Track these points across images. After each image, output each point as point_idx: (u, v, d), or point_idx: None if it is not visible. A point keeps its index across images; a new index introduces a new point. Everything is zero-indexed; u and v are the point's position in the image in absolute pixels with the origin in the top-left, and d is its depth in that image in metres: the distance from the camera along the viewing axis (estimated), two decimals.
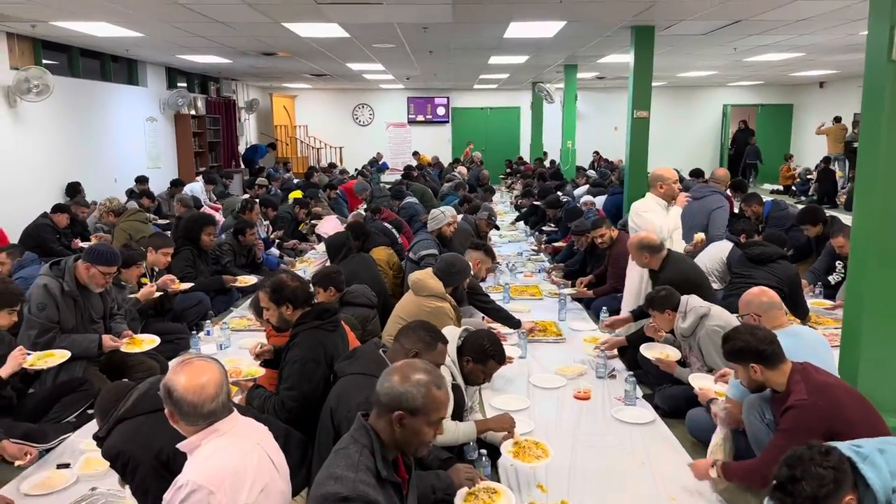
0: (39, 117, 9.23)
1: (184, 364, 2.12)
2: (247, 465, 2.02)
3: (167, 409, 2.08)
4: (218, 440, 2.04)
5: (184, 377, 2.06)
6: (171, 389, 2.05)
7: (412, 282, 4.27)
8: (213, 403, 2.04)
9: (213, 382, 2.08)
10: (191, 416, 2.04)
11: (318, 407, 3.11)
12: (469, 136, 20.24)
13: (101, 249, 4.15)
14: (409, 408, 1.93)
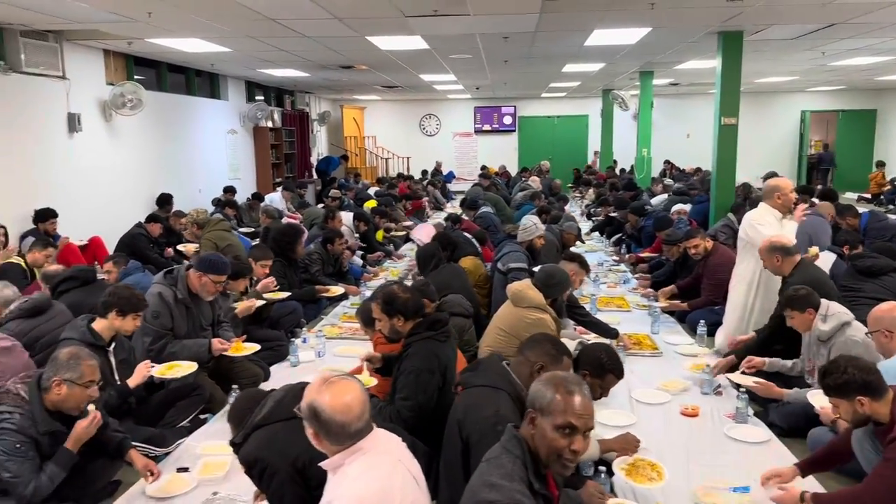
0: (132, 130, 9.63)
1: (326, 384, 2.06)
2: (392, 484, 2.00)
3: (311, 429, 2.03)
4: (363, 459, 2.01)
5: (328, 396, 2.01)
6: (318, 410, 2.00)
7: (512, 293, 4.24)
8: (359, 422, 2.02)
9: (357, 401, 2.05)
10: (339, 437, 2.00)
11: (433, 417, 3.14)
12: (536, 145, 20.16)
13: (213, 259, 4.27)
14: (539, 406, 1.95)
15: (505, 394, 2.49)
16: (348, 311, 6.42)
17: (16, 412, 2.78)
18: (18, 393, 2.85)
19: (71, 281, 4.61)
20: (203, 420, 4.02)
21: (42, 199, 7.63)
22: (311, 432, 2.03)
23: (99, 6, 6.13)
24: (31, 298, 4.20)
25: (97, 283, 4.77)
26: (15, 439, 2.74)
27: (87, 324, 3.61)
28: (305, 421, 2.05)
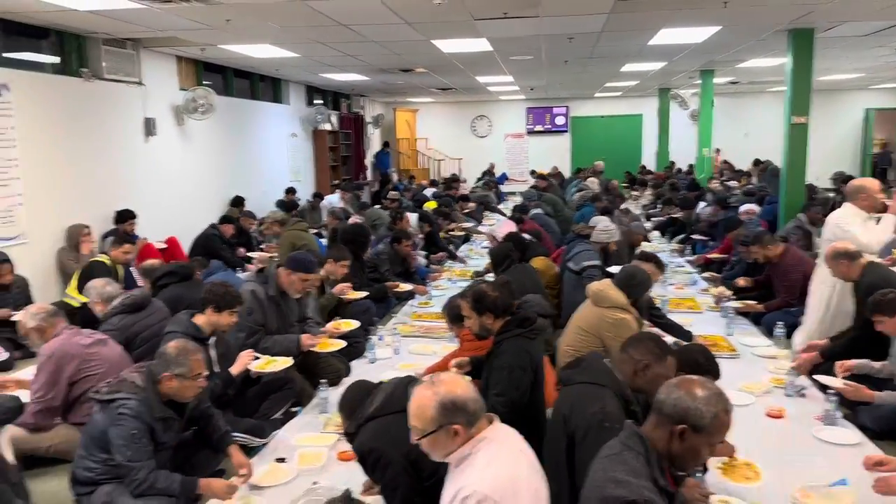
0: (202, 134, 9.95)
1: (441, 381, 2.12)
2: (519, 472, 2.07)
3: (455, 426, 2.05)
4: (489, 448, 2.07)
5: (455, 387, 2.09)
6: (457, 400, 2.06)
7: (592, 292, 4.27)
8: (482, 404, 2.11)
9: (471, 388, 2.15)
10: (475, 419, 2.07)
11: (525, 413, 3.19)
12: (588, 145, 20.03)
13: (302, 258, 4.42)
14: (695, 424, 1.93)
15: (609, 391, 2.53)
16: (417, 311, 6.52)
17: (132, 398, 2.94)
18: (134, 381, 3.01)
19: (171, 276, 4.83)
20: (294, 412, 4.16)
21: (121, 200, 7.96)
22: (455, 429, 2.06)
23: (182, 14, 6.38)
24: (131, 295, 4.41)
25: (195, 280, 4.97)
26: (132, 425, 2.89)
27: (189, 318, 3.79)
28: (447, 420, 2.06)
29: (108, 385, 3.02)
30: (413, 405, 2.12)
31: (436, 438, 2.08)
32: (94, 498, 2.96)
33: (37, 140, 6.80)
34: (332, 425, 3.93)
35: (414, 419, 2.12)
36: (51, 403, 3.45)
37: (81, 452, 3.04)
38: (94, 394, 3.02)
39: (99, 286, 4.44)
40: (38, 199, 6.80)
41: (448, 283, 7.66)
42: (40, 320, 3.56)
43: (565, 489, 2.52)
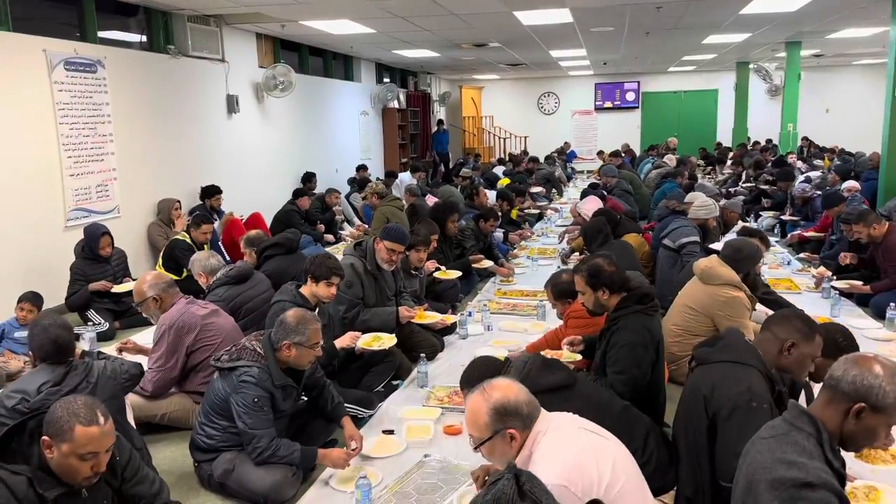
0: (280, 112, 10.06)
1: (491, 387, 2.10)
2: (583, 448, 2.00)
3: (511, 431, 2.02)
4: (545, 439, 2.02)
5: (505, 390, 2.07)
6: (508, 404, 2.03)
7: (700, 270, 4.10)
8: (536, 410, 2.08)
9: (524, 391, 2.12)
10: (531, 419, 2.05)
11: (646, 391, 3.09)
12: (660, 122, 19.48)
13: (395, 229, 4.40)
14: (876, 403, 1.80)
15: (755, 370, 2.41)
16: (501, 287, 6.46)
17: (254, 366, 2.96)
18: (255, 349, 3.03)
19: (276, 248, 4.88)
20: (395, 386, 4.16)
21: (205, 176, 8.12)
22: (511, 433, 2.02)
23: None
24: (235, 266, 4.47)
25: (298, 253, 5.02)
26: (254, 393, 2.91)
27: (296, 289, 3.81)
28: (501, 425, 2.02)
29: (228, 353, 3.05)
30: (467, 413, 2.10)
31: (493, 445, 2.05)
32: (216, 465, 3.00)
33: (129, 116, 6.96)
34: (434, 399, 3.92)
35: (470, 427, 2.09)
36: (169, 373, 3.52)
37: (201, 420, 3.09)
38: (214, 361, 3.06)
39: (203, 258, 4.51)
40: (131, 174, 6.98)
41: (527, 260, 7.57)
42: (159, 290, 3.63)
43: (706, 469, 2.42)
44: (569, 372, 2.67)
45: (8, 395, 2.66)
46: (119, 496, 2.25)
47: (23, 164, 5.72)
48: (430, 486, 3.06)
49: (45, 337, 2.76)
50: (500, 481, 1.52)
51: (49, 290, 5.27)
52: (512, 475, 1.51)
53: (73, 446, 1.98)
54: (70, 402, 2.05)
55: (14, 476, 1.97)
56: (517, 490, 1.49)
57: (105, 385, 2.80)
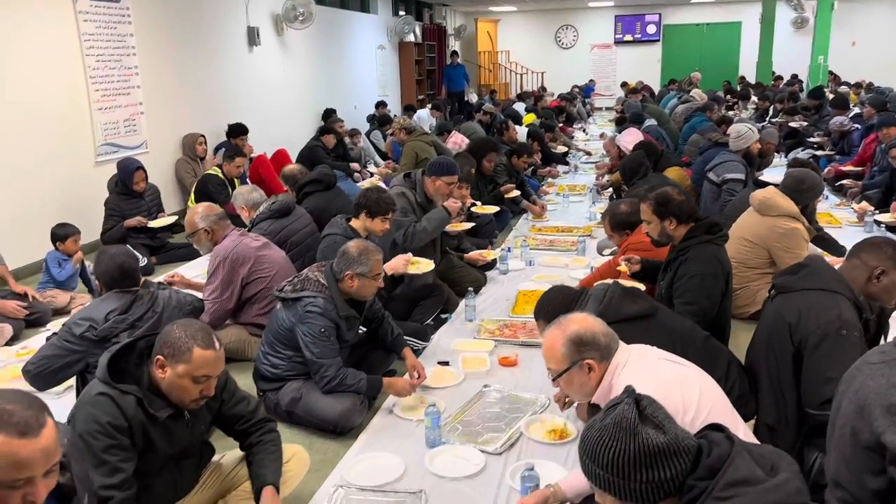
0: (299, 45, 9.81)
1: (568, 319, 2.07)
2: (667, 378, 1.96)
3: (588, 361, 2.00)
4: (625, 371, 1.99)
5: (583, 321, 2.05)
6: (584, 335, 2.00)
7: (759, 201, 4.00)
8: (615, 342, 2.05)
9: (602, 323, 2.08)
10: (609, 350, 2.02)
11: (714, 322, 3.05)
12: (681, 56, 18.99)
13: (444, 162, 4.31)
14: None
15: (843, 297, 2.35)
16: (536, 224, 6.39)
17: (319, 296, 2.93)
18: (318, 280, 3.00)
19: (315, 184, 4.81)
20: (444, 319, 4.14)
21: (229, 111, 7.97)
22: (589, 363, 2.00)
23: None
24: (278, 200, 4.41)
25: (337, 188, 4.94)
26: (320, 323, 2.89)
27: (346, 221, 3.75)
28: (579, 356, 2.00)
29: (291, 284, 3.02)
30: (544, 347, 2.09)
31: (571, 377, 2.03)
32: (282, 393, 3.01)
33: (153, 48, 6.79)
34: (485, 332, 3.91)
35: (548, 361, 2.08)
36: (225, 305, 3.51)
37: (265, 349, 3.08)
38: (277, 292, 3.03)
39: (245, 192, 4.46)
40: (157, 109, 6.85)
41: (557, 197, 7.48)
42: (211, 222, 3.58)
43: (789, 397, 2.39)
44: (650, 301, 2.62)
45: (76, 323, 2.65)
46: (218, 417, 2.25)
47: (52, 98, 5.60)
48: (494, 414, 3.06)
49: (112, 263, 2.74)
50: (619, 406, 1.47)
51: (83, 225, 5.21)
52: (632, 399, 1.47)
53: (189, 368, 1.96)
54: (188, 325, 2.03)
55: (123, 395, 1.96)
56: (638, 414, 1.45)
57: (171, 315, 2.78)
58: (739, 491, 1.37)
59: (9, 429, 1.31)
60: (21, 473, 1.32)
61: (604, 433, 1.44)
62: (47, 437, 1.35)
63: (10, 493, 1.33)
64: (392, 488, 2.54)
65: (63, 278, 4.65)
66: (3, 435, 1.30)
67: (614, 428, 1.43)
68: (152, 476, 2.11)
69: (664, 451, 1.40)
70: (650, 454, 1.39)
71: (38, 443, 1.33)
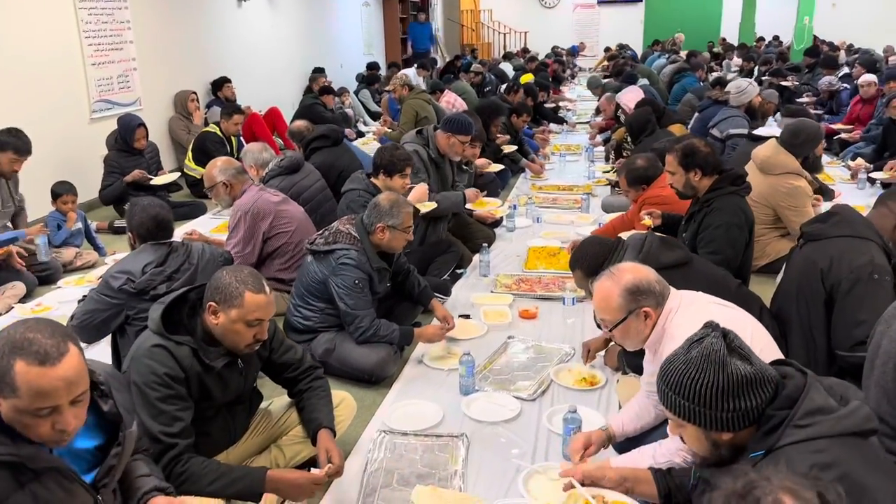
0: (286, 1, 9.58)
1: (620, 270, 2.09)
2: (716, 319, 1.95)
3: (645, 309, 2.02)
4: (678, 315, 2.02)
5: (635, 270, 2.07)
6: (640, 284, 2.02)
7: (760, 160, 4.04)
8: (667, 288, 2.07)
9: (651, 271, 2.10)
10: (663, 296, 2.04)
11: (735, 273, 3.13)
12: (664, 16, 18.92)
13: (459, 119, 4.30)
14: None
15: (874, 244, 2.43)
16: (536, 182, 6.43)
17: (352, 249, 2.95)
18: (350, 233, 3.01)
19: (322, 140, 4.77)
20: (459, 274, 4.18)
21: (218, 69, 7.81)
22: (646, 310, 2.02)
23: None
24: (287, 157, 4.38)
25: (344, 144, 4.91)
26: (354, 275, 2.92)
27: (367, 177, 3.75)
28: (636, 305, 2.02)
29: (323, 237, 3.03)
30: (597, 298, 2.09)
31: (627, 326, 2.04)
32: (316, 344, 3.03)
33: (144, 3, 6.59)
34: (501, 286, 3.96)
35: (602, 312, 2.08)
36: (248, 259, 3.50)
37: (296, 302, 3.10)
38: (309, 245, 3.04)
39: (256, 150, 4.41)
40: (150, 65, 6.69)
41: (554, 156, 7.51)
42: (230, 176, 3.55)
43: (819, 340, 2.49)
44: (685, 250, 2.69)
45: (113, 276, 2.63)
46: (267, 365, 2.28)
47: (45, 51, 5.43)
48: (521, 364, 3.14)
49: (146, 215, 2.72)
50: (706, 339, 1.52)
51: (80, 183, 5.12)
52: (719, 332, 1.52)
53: (242, 312, 1.98)
54: (237, 271, 2.04)
55: (179, 346, 1.98)
56: (726, 346, 1.50)
57: (206, 267, 2.77)
58: (816, 419, 1.43)
59: (29, 357, 1.32)
60: (44, 402, 1.33)
61: (690, 366, 1.48)
62: (68, 366, 1.35)
63: (39, 421, 1.36)
64: (434, 432, 2.60)
65: (58, 242, 4.56)
66: (24, 363, 1.32)
67: (702, 360, 1.47)
68: (208, 422, 2.14)
69: (751, 381, 1.45)
70: (739, 384, 1.45)
71: (58, 371, 1.34)
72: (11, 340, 1.35)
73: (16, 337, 1.35)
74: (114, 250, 4.80)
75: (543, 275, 4.12)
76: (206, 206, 5.75)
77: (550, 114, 8.68)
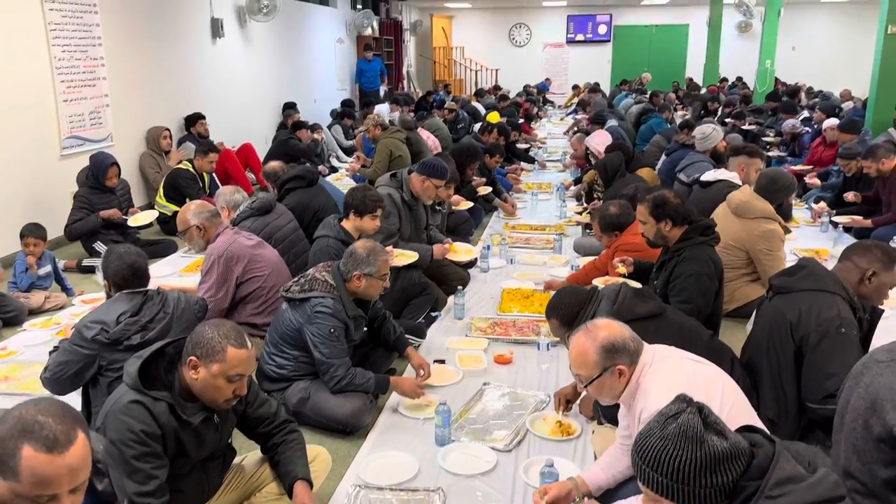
0: (262, 38, 9.67)
1: (595, 326, 2.11)
2: (694, 378, 2.03)
3: (620, 367, 2.04)
4: (651, 371, 2.06)
5: (610, 328, 2.09)
6: (616, 342, 2.05)
7: (736, 204, 4.16)
8: (641, 345, 2.11)
9: (626, 328, 2.12)
10: (637, 354, 2.07)
11: (705, 322, 3.19)
12: (631, 56, 19.44)
13: (436, 164, 4.34)
14: None
15: (840, 298, 2.50)
16: (509, 222, 6.49)
17: (328, 297, 2.94)
18: (326, 280, 3.00)
19: (297, 180, 4.76)
20: (434, 317, 4.18)
21: (193, 105, 7.79)
22: (620, 368, 2.05)
23: None
24: (258, 198, 4.35)
25: (319, 185, 4.91)
26: (330, 323, 2.90)
27: (338, 223, 3.76)
28: (610, 362, 2.05)
29: (298, 284, 3.02)
30: (573, 354, 2.11)
31: (602, 382, 2.08)
32: (290, 393, 3.00)
33: (119, 39, 6.59)
34: (476, 330, 3.97)
35: (577, 367, 2.11)
36: (220, 304, 3.46)
37: (270, 350, 3.07)
38: (284, 292, 3.02)
39: (227, 193, 4.37)
40: (122, 101, 6.65)
41: (526, 195, 7.60)
42: (204, 219, 3.53)
43: (790, 392, 2.54)
44: (659, 301, 2.73)
45: (86, 326, 2.58)
46: (242, 420, 2.25)
47: (17, 88, 5.38)
48: (497, 412, 3.13)
49: (122, 263, 2.68)
50: (683, 415, 1.52)
51: (48, 220, 5.04)
52: (695, 408, 1.53)
53: (224, 367, 1.96)
54: (219, 326, 2.03)
55: (156, 402, 1.95)
56: (702, 421, 1.51)
57: (181, 316, 2.74)
58: (787, 489, 1.45)
59: (37, 442, 1.29)
60: (45, 490, 1.30)
61: (667, 442, 1.48)
62: (75, 454, 1.32)
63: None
64: (410, 486, 2.58)
65: (24, 286, 4.45)
66: (31, 448, 1.29)
67: (679, 437, 1.47)
68: (182, 479, 2.10)
69: (727, 456, 1.46)
70: (716, 460, 1.45)
71: (65, 459, 1.30)
72: (22, 421, 1.31)
73: (27, 418, 1.31)
74: (82, 290, 4.74)
75: (518, 318, 4.14)
76: (177, 245, 5.69)
77: (522, 153, 8.81)
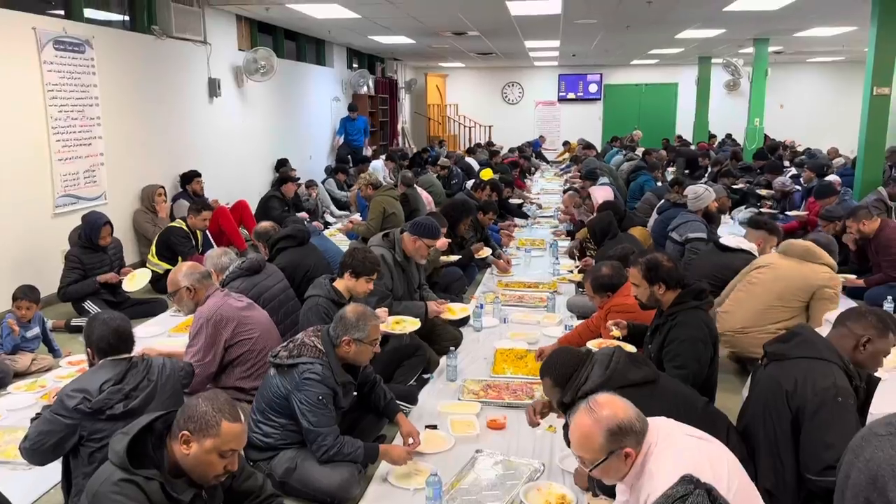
0: (259, 96, 9.80)
1: (598, 403, 2.04)
2: (699, 457, 1.98)
3: (627, 449, 1.98)
4: (657, 451, 2.01)
5: (615, 409, 2.02)
6: (623, 424, 1.98)
7: (802, 249, 4.13)
8: (646, 424, 2.05)
9: (631, 406, 2.07)
10: (643, 434, 2.02)
11: (700, 388, 3.14)
12: (621, 114, 19.80)
13: (427, 224, 4.35)
14: None
15: (836, 366, 2.47)
16: (502, 279, 6.47)
17: (316, 363, 2.89)
18: (315, 345, 2.96)
19: (289, 240, 4.75)
20: (426, 379, 4.12)
21: (188, 162, 7.85)
22: (627, 451, 1.99)
23: None
24: (248, 259, 4.33)
25: (311, 244, 4.90)
26: (318, 390, 2.84)
27: (330, 282, 3.73)
28: (617, 445, 1.99)
29: (287, 349, 2.97)
30: (577, 436, 2.04)
31: (608, 465, 2.01)
32: (276, 463, 2.92)
33: (116, 99, 6.67)
34: (468, 393, 3.90)
35: (581, 450, 2.04)
36: (207, 368, 3.39)
37: (256, 418, 3.00)
38: (272, 358, 2.97)
39: (216, 256, 4.36)
40: (117, 159, 6.69)
41: (519, 251, 7.60)
42: (195, 280, 3.49)
43: (787, 462, 2.48)
44: (652, 367, 2.69)
45: (68, 395, 2.52)
46: (228, 494, 2.18)
47: (12, 147, 5.41)
48: (490, 482, 3.04)
49: (107, 329, 2.64)
50: (690, 497, 1.49)
51: (40, 278, 5.03)
52: (703, 489, 1.49)
53: (218, 442, 1.93)
54: (213, 399, 2.00)
55: (148, 482, 1.90)
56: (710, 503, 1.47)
57: (166, 383, 2.69)
58: None
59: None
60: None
61: None
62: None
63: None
64: None
65: (8, 348, 4.37)
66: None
67: None
68: None
69: None
70: None
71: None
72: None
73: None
74: (69, 350, 4.66)
75: (511, 380, 4.07)
76: (167, 303, 5.64)
77: (515, 209, 8.86)
